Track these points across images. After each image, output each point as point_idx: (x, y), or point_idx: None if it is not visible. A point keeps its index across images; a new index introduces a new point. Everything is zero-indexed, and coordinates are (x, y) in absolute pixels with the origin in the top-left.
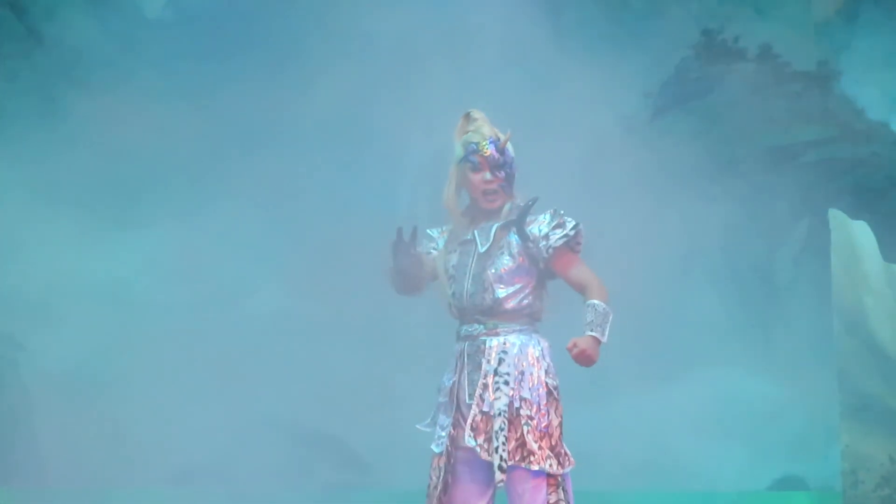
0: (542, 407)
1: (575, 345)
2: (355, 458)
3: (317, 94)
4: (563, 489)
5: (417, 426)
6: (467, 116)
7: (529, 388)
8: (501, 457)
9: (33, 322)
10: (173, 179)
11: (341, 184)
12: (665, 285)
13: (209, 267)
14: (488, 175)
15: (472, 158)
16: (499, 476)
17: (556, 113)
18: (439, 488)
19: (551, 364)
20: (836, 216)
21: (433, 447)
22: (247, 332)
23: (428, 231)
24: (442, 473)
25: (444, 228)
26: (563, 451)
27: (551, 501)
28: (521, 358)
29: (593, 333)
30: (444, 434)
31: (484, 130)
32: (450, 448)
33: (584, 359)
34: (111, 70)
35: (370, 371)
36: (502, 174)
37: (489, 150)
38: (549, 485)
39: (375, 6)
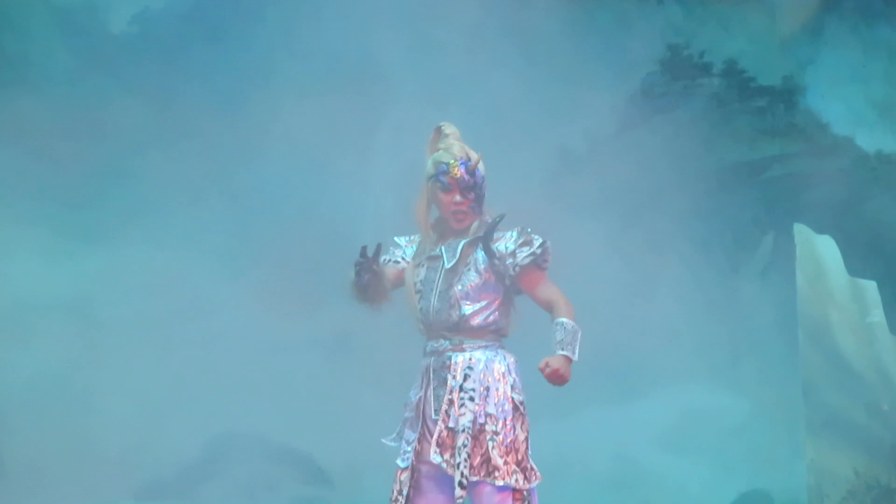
0: (507, 422)
1: (547, 364)
2: (321, 473)
3: (283, 109)
4: (528, 503)
5: (383, 440)
6: (439, 131)
7: (495, 404)
8: (462, 473)
9: None
10: (139, 194)
11: (307, 198)
12: (631, 300)
13: (175, 281)
14: (458, 197)
15: (442, 179)
16: (458, 492)
17: (521, 127)
18: (399, 502)
19: (517, 379)
20: (801, 231)
21: (398, 462)
22: (212, 347)
23: (395, 239)
24: (404, 488)
25: (412, 238)
26: (529, 466)
27: None
28: (486, 374)
29: (564, 352)
30: (409, 449)
31: (454, 150)
32: (415, 462)
33: (557, 378)
34: (75, 85)
35: (336, 386)
36: (472, 195)
37: (459, 172)
38: (514, 499)
39: (342, 21)
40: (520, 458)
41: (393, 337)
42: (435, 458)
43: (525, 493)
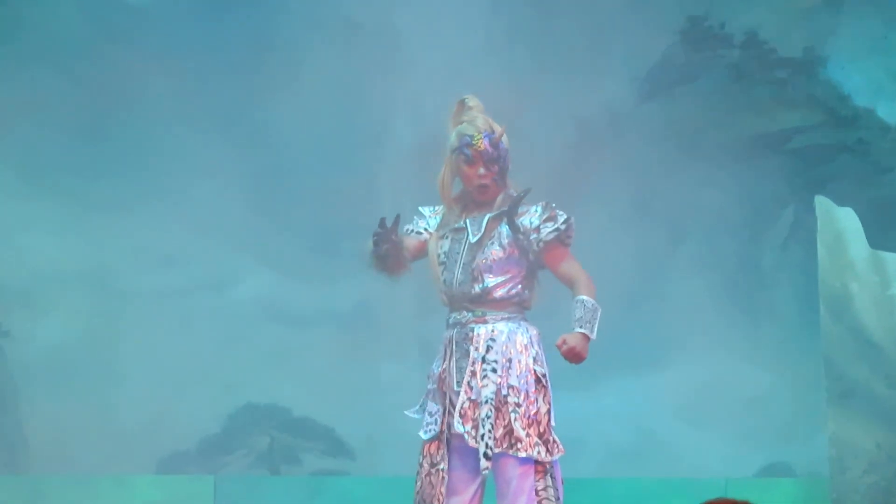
0: (530, 394)
1: (564, 342)
2: (342, 445)
3: (301, 81)
4: (550, 476)
5: (406, 412)
6: (462, 103)
7: (517, 376)
8: (487, 444)
9: (18, 309)
10: (158, 165)
11: (326, 170)
12: (651, 272)
13: (194, 253)
14: (482, 170)
15: (465, 151)
16: (484, 463)
17: (541, 99)
18: (442, 475)
19: (540, 352)
20: (821, 202)
21: (421, 433)
22: (233, 319)
23: (420, 208)
24: (439, 461)
25: (436, 208)
26: (551, 439)
27: (539, 488)
28: (508, 345)
29: (582, 330)
30: (431, 420)
31: (478, 122)
32: (448, 435)
33: (574, 356)
34: (93, 56)
35: (357, 358)
36: (496, 168)
37: (483, 145)
38: (536, 472)
39: None
40: (542, 430)
41: (413, 309)
42: (458, 427)
43: (547, 465)
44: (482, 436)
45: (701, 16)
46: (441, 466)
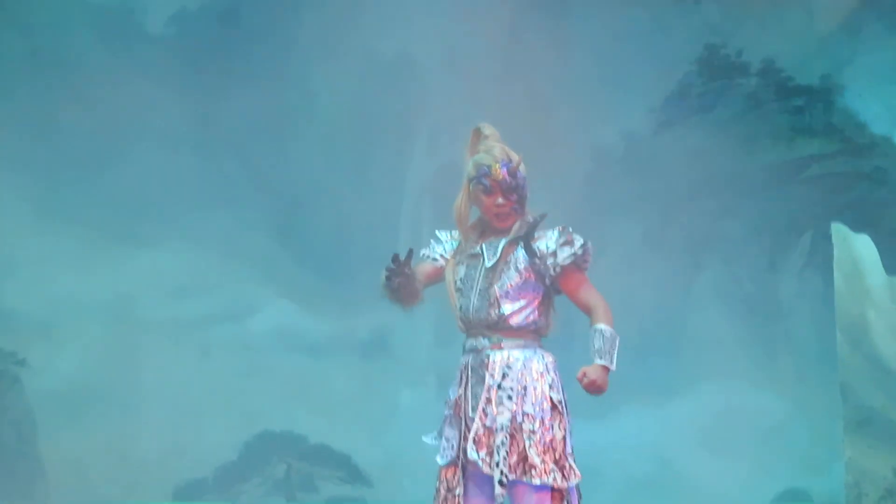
0: (545, 421)
1: (585, 374)
2: (359, 473)
3: (319, 111)
4: (567, 502)
5: (424, 438)
6: (478, 132)
7: (532, 403)
8: (502, 471)
9: (36, 339)
10: (176, 195)
11: (344, 199)
12: (669, 300)
13: (212, 284)
14: (500, 199)
15: (483, 181)
16: (498, 490)
17: (559, 128)
18: (458, 501)
19: (556, 378)
20: (838, 230)
21: (438, 459)
22: (250, 348)
23: (437, 233)
24: (455, 486)
25: (453, 232)
26: (567, 465)
27: None
28: (524, 373)
29: (602, 362)
30: (448, 446)
31: (495, 152)
32: (463, 461)
33: (595, 389)
34: (112, 85)
35: (374, 386)
36: (514, 197)
37: (501, 174)
38: (553, 499)
39: (378, 22)
40: (557, 456)
41: (430, 337)
42: (472, 454)
43: (564, 492)
44: (497, 463)
45: (718, 44)
46: (457, 492)
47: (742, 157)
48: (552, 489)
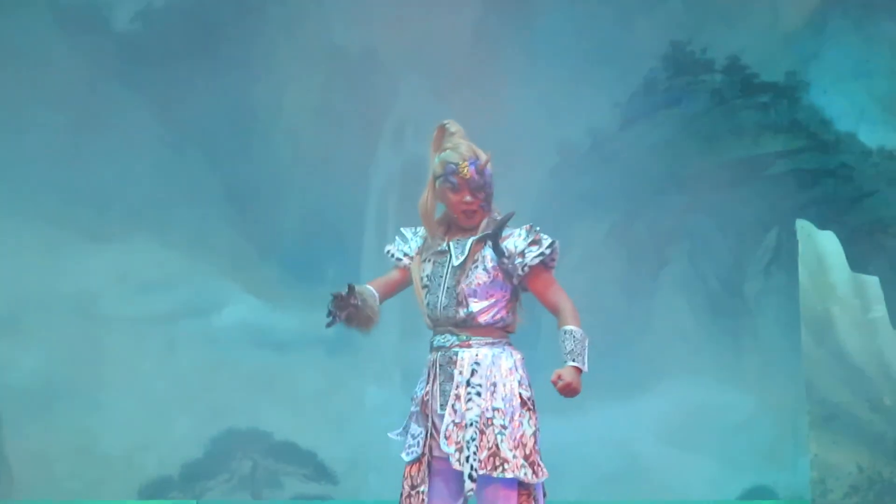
0: (515, 417)
1: (560, 377)
2: (325, 470)
3: (284, 106)
4: (534, 499)
5: (389, 434)
6: (443, 128)
7: (502, 398)
8: (472, 466)
9: (1, 335)
10: (140, 191)
11: (310, 194)
12: (634, 296)
13: (177, 279)
14: (468, 197)
15: (451, 179)
16: (468, 485)
17: (524, 123)
18: (422, 498)
19: (524, 375)
20: (803, 226)
21: (403, 455)
22: (216, 344)
23: (402, 230)
24: (419, 483)
25: (418, 229)
26: (537, 461)
27: None
28: (493, 369)
29: (575, 363)
30: (414, 443)
31: (462, 149)
32: (429, 458)
33: (570, 391)
34: (78, 82)
35: (340, 383)
36: (482, 195)
37: (469, 173)
38: (520, 495)
39: (344, 18)
40: (527, 452)
41: (396, 334)
42: (445, 447)
43: (531, 488)
44: (467, 458)
45: (683, 41)
46: (422, 489)
47: (707, 153)
48: (519, 485)
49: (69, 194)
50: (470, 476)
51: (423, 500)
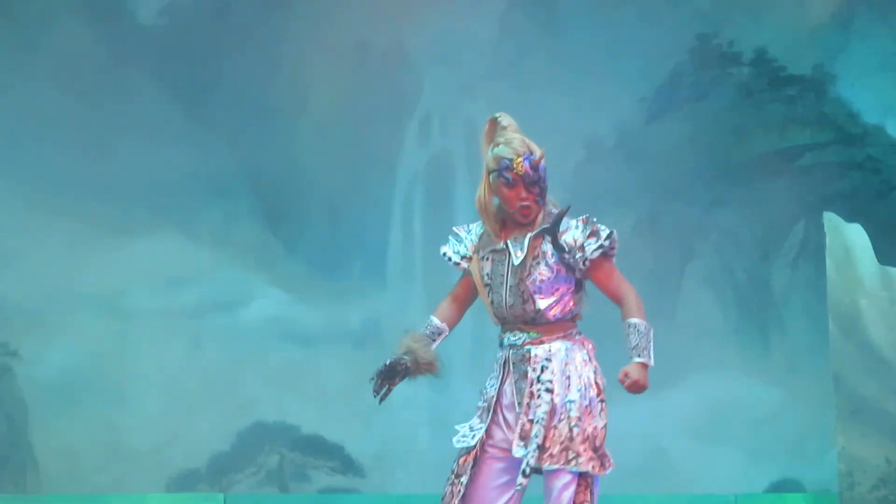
0: (592, 408)
1: (626, 375)
2: (352, 463)
3: (311, 101)
4: (591, 491)
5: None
6: (495, 122)
7: (577, 390)
8: (528, 462)
9: (28, 330)
10: (167, 186)
11: (336, 189)
12: (661, 290)
13: (204, 273)
14: (523, 193)
15: (505, 175)
16: (520, 479)
17: (550, 119)
18: (456, 485)
19: (598, 365)
20: (831, 219)
21: (455, 441)
22: (243, 339)
23: (455, 230)
24: (463, 473)
25: (470, 226)
26: (605, 453)
27: (577, 501)
28: (567, 362)
29: (641, 359)
30: (470, 434)
31: (515, 144)
32: (477, 451)
33: (638, 388)
34: (104, 77)
35: (366, 377)
36: (537, 189)
37: (524, 168)
38: (578, 485)
39: (370, 14)
40: (597, 444)
41: (423, 326)
42: (519, 451)
43: (590, 479)
44: (527, 454)
45: (710, 34)
46: (463, 479)
47: (734, 146)
48: (579, 475)
49: (95, 190)
50: (523, 471)
51: (459, 490)
